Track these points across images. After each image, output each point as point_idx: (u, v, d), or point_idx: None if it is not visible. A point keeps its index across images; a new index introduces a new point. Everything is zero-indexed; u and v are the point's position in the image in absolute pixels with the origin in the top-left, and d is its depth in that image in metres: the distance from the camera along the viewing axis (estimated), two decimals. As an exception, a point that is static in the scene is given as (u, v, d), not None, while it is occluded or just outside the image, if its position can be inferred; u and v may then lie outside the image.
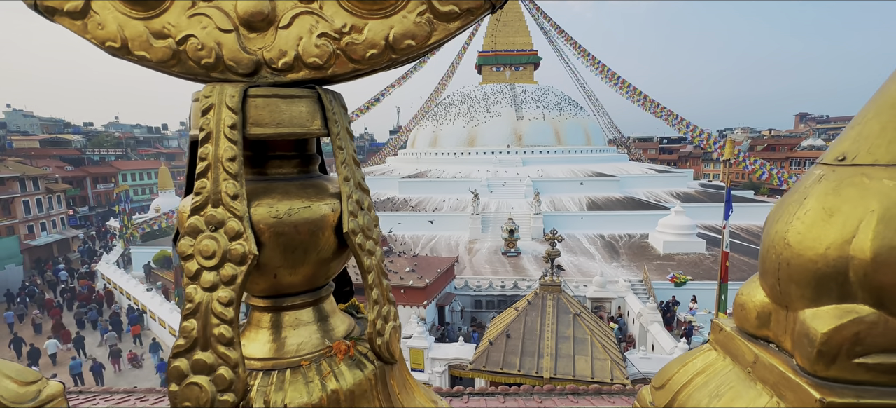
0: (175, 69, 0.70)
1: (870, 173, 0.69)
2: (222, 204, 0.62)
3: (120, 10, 0.68)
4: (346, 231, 0.72)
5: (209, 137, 0.63)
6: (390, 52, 0.70)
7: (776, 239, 0.78)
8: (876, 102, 0.74)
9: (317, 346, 0.76)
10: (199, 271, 0.62)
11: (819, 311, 0.72)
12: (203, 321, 0.62)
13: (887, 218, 0.66)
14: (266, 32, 0.69)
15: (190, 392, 0.61)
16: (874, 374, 0.68)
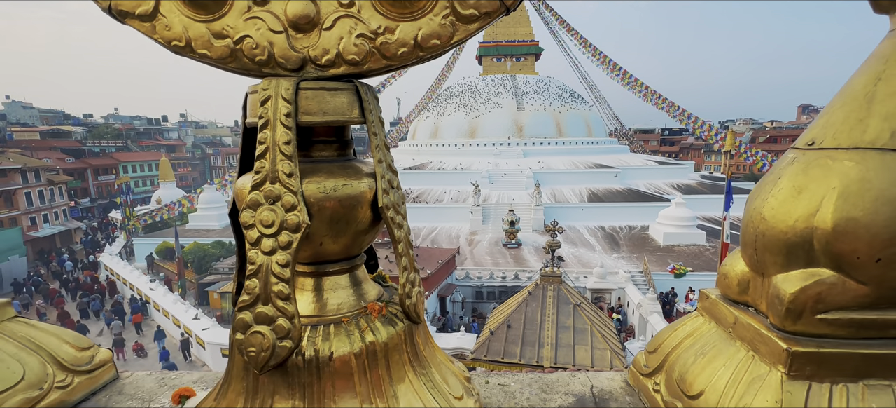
0: (231, 65, 0.81)
1: (833, 156, 0.80)
2: (279, 181, 0.74)
3: (184, 14, 0.78)
4: (381, 206, 0.83)
5: (267, 123, 0.74)
6: (418, 50, 0.81)
7: (754, 214, 0.89)
8: (842, 94, 0.85)
9: (354, 306, 0.88)
10: (260, 238, 0.74)
11: (788, 275, 0.83)
12: (264, 280, 0.73)
13: (846, 194, 0.77)
14: (311, 33, 0.79)
15: (254, 339, 0.73)
16: (833, 328, 0.80)
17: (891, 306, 0.79)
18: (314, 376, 0.78)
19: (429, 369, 0.92)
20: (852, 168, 0.78)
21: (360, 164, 0.89)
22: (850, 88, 0.84)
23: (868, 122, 0.79)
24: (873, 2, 0.86)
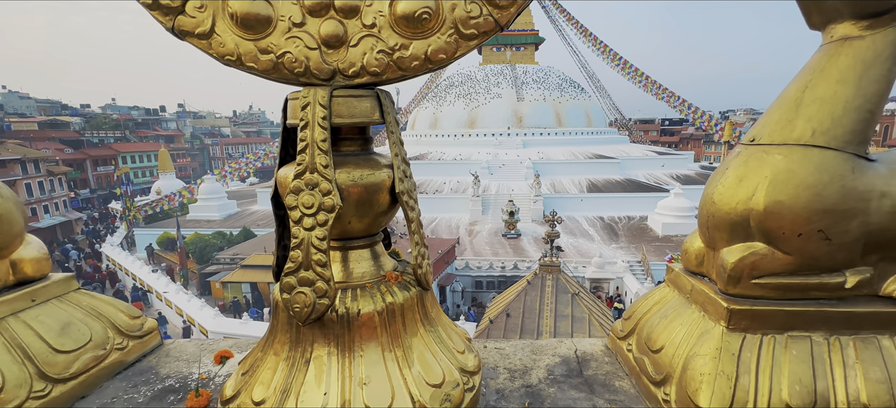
0: (274, 76, 0.98)
1: (767, 150, 0.98)
2: (317, 171, 0.91)
3: (236, 33, 0.95)
4: (398, 191, 1.01)
5: (307, 124, 0.92)
6: (428, 63, 0.98)
7: (707, 199, 1.08)
8: (778, 98, 1.02)
9: (375, 275, 1.06)
10: (302, 217, 0.91)
11: (731, 248, 1.02)
12: (305, 251, 0.91)
13: (775, 182, 0.95)
14: (340, 49, 0.96)
15: (298, 298, 0.91)
16: (765, 290, 0.98)
17: (810, 273, 0.97)
18: (345, 329, 0.96)
19: (436, 327, 1.11)
20: (781, 160, 0.96)
21: (379, 157, 1.07)
22: (784, 94, 1.01)
23: (795, 122, 0.97)
24: (807, 19, 1.03)
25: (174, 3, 0.94)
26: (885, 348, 0.95)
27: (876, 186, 0.94)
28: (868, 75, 0.93)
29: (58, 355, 1.15)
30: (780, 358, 0.94)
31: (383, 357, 0.98)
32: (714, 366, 0.95)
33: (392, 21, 0.96)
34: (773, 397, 0.91)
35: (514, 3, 0.97)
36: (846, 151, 0.94)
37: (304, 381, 0.94)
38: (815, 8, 0.99)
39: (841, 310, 0.97)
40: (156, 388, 1.24)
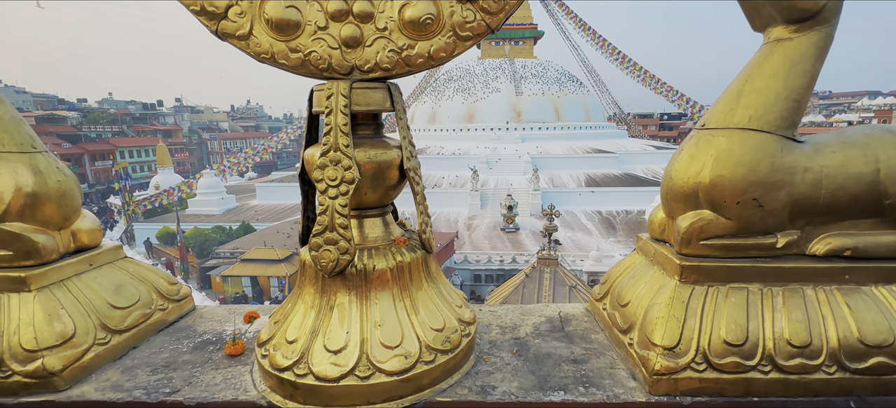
0: (301, 71, 1.17)
1: (714, 133, 1.18)
2: (340, 150, 1.10)
3: (270, 35, 1.14)
4: (406, 168, 1.20)
5: (331, 111, 1.11)
6: (431, 60, 1.17)
7: (667, 176, 1.28)
8: (725, 90, 1.22)
9: (386, 239, 1.26)
10: (327, 188, 1.11)
11: (685, 215, 1.22)
12: (330, 216, 1.11)
13: (718, 159, 1.15)
14: (357, 49, 1.15)
15: (325, 254, 1.11)
16: (711, 250, 1.19)
17: (747, 235, 1.17)
18: (363, 281, 1.16)
19: (438, 285, 1.31)
20: (724, 141, 1.16)
21: (389, 139, 1.27)
22: (729, 87, 1.21)
23: (736, 110, 1.16)
24: (751, 24, 1.22)
25: (218, 10, 1.13)
26: (807, 296, 1.15)
27: (800, 163, 1.14)
28: (795, 71, 1.12)
29: (114, 310, 1.35)
30: (721, 304, 1.15)
31: (394, 305, 1.18)
32: (667, 311, 1.15)
33: (400, 25, 1.15)
34: (713, 334, 1.11)
35: (502, 9, 1.16)
36: (776, 134, 1.13)
37: (330, 323, 1.13)
38: (755, 15, 1.19)
39: (773, 266, 1.17)
40: (196, 341, 1.44)
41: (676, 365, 1.10)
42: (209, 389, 1.18)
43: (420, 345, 1.14)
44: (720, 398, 1.11)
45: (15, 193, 1.22)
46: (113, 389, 1.19)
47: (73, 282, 1.32)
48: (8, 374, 1.15)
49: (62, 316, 1.22)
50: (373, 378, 1.08)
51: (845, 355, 1.09)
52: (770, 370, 1.10)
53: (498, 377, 1.22)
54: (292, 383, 1.09)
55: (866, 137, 1.17)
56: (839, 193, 1.14)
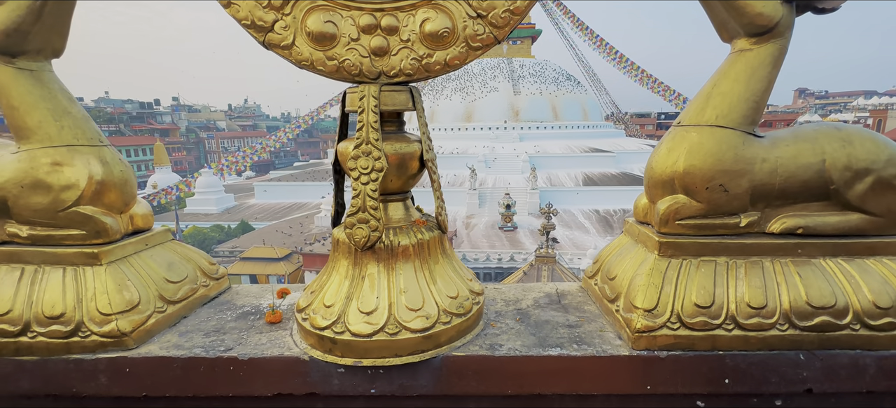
0: (336, 76, 1.37)
1: (687, 130, 1.39)
2: (370, 143, 1.30)
3: (310, 46, 1.34)
4: (426, 159, 1.41)
5: (363, 110, 1.31)
6: (447, 67, 1.38)
7: (648, 166, 1.49)
8: (698, 93, 1.42)
9: (406, 220, 1.46)
10: (360, 176, 1.31)
11: (663, 200, 1.43)
12: (362, 200, 1.31)
13: (690, 151, 1.36)
14: (384, 57, 1.35)
15: (358, 232, 1.31)
16: (685, 228, 1.40)
17: (715, 216, 1.38)
18: (389, 255, 1.36)
19: (451, 261, 1.51)
20: (695, 136, 1.37)
21: (410, 134, 1.47)
22: (701, 90, 1.42)
23: (706, 110, 1.37)
24: (720, 36, 1.43)
25: (266, 25, 1.33)
26: (765, 267, 1.36)
27: (759, 154, 1.35)
28: (754, 77, 1.33)
29: (168, 283, 1.55)
30: (692, 274, 1.35)
31: (416, 276, 1.38)
32: (647, 280, 1.35)
33: (421, 37, 1.35)
34: (685, 299, 1.32)
35: (508, 23, 1.36)
36: (739, 130, 1.34)
37: (362, 290, 1.34)
38: (723, 29, 1.39)
39: (736, 242, 1.38)
40: (237, 312, 1.64)
41: (654, 324, 1.31)
42: (257, 348, 1.38)
43: (438, 309, 1.35)
44: (691, 352, 1.31)
45: (88, 181, 1.41)
46: (174, 348, 1.39)
47: (134, 259, 1.52)
48: (87, 334, 1.35)
49: (129, 286, 1.42)
50: (399, 335, 1.29)
51: (795, 315, 1.30)
52: (733, 328, 1.31)
53: (504, 338, 1.42)
54: (332, 340, 1.29)
55: (815, 132, 1.38)
56: (791, 179, 1.35)
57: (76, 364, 1.34)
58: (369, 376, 1.32)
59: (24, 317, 1.34)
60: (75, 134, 1.43)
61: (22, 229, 1.42)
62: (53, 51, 1.45)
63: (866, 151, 1.34)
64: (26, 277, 1.40)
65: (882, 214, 1.37)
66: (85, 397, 1.36)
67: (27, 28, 1.33)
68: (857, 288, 1.32)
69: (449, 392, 1.34)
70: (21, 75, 1.38)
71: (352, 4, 1.32)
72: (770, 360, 1.31)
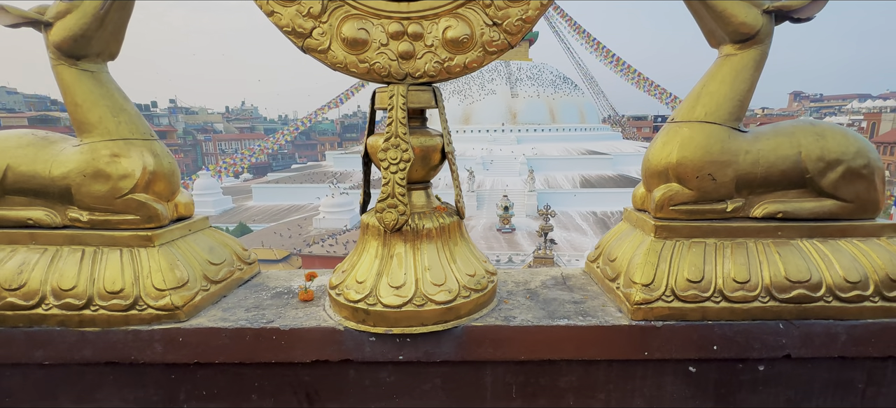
0: (366, 77, 1.53)
1: (679, 125, 1.56)
2: (398, 137, 1.47)
3: (344, 50, 1.51)
4: (447, 152, 1.57)
5: (393, 108, 1.47)
6: (465, 69, 1.54)
7: (645, 159, 1.66)
8: (689, 93, 1.60)
9: (428, 206, 1.62)
10: (389, 166, 1.47)
11: (658, 188, 1.60)
12: (391, 187, 1.47)
13: (683, 145, 1.53)
14: (410, 61, 1.52)
15: (387, 215, 1.47)
16: (678, 214, 1.57)
17: (705, 202, 1.55)
18: (415, 236, 1.53)
19: (468, 243, 1.68)
20: (686, 131, 1.54)
21: (432, 129, 1.63)
22: (692, 90, 1.59)
23: (696, 108, 1.54)
24: (709, 42, 1.60)
25: (305, 31, 1.49)
26: (749, 247, 1.53)
27: (743, 147, 1.52)
28: (738, 78, 1.50)
29: (211, 265, 1.71)
30: (684, 254, 1.52)
31: (438, 255, 1.54)
32: (645, 259, 1.52)
33: (443, 43, 1.51)
34: (678, 275, 1.49)
35: (521, 31, 1.53)
36: (725, 125, 1.51)
37: (391, 267, 1.50)
38: (711, 36, 1.57)
39: (723, 225, 1.55)
40: (271, 292, 1.79)
41: (651, 297, 1.47)
42: (296, 320, 1.54)
43: (459, 285, 1.51)
44: (683, 322, 1.48)
45: (142, 171, 1.57)
46: (220, 320, 1.54)
47: (180, 242, 1.67)
48: (143, 307, 1.50)
49: (179, 266, 1.58)
50: (425, 307, 1.45)
51: (775, 289, 1.47)
52: (720, 301, 1.48)
53: (516, 312, 1.58)
54: (365, 311, 1.45)
55: (792, 128, 1.56)
56: (772, 169, 1.53)
57: (134, 334, 1.49)
58: (397, 344, 1.48)
59: (88, 292, 1.49)
60: (131, 129, 1.59)
61: (83, 214, 1.58)
62: (110, 54, 1.61)
63: (837, 144, 1.52)
64: (87, 257, 1.55)
65: (852, 200, 1.54)
66: (141, 365, 1.52)
67: (91, 34, 1.49)
68: (829, 265, 1.49)
69: (468, 358, 1.50)
70: (84, 76, 1.54)
71: (382, 13, 1.48)
72: (753, 329, 1.48)
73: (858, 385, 1.55)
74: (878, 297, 1.48)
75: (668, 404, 1.57)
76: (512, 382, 1.56)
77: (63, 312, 1.50)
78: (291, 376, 1.56)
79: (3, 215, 1.58)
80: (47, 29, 1.48)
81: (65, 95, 1.55)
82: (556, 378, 1.55)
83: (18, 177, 1.55)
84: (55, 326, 1.50)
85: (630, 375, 1.54)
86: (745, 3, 1.44)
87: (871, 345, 1.48)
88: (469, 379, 1.55)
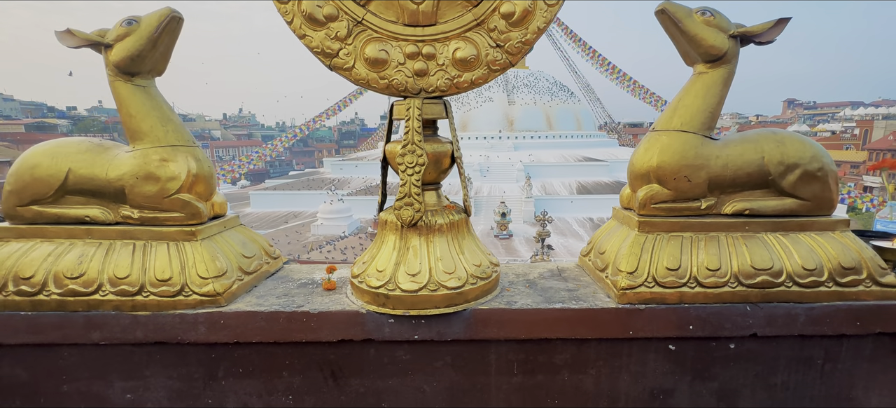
0: (385, 91, 1.75)
1: (659, 133, 1.79)
2: (415, 143, 1.68)
3: (367, 68, 1.72)
4: (456, 156, 1.79)
5: (409, 119, 1.69)
6: (472, 85, 1.77)
7: (630, 163, 1.88)
8: (668, 105, 1.82)
9: (438, 205, 1.83)
10: (406, 169, 1.68)
11: (642, 188, 1.82)
12: (408, 188, 1.68)
13: (662, 150, 1.75)
14: (424, 77, 1.74)
15: (404, 212, 1.68)
16: (658, 211, 1.79)
17: (681, 201, 1.77)
18: (428, 230, 1.74)
19: (475, 238, 1.89)
20: (665, 139, 1.76)
21: (443, 137, 1.85)
22: (670, 103, 1.82)
23: (673, 118, 1.77)
24: (685, 61, 1.84)
25: (332, 52, 1.71)
26: (720, 240, 1.75)
27: (714, 152, 1.74)
28: (709, 93, 1.73)
29: (244, 258, 1.91)
30: (664, 246, 1.74)
31: (448, 247, 1.75)
32: (630, 250, 1.74)
33: (453, 62, 1.74)
34: (659, 264, 1.70)
35: (520, 51, 1.76)
36: (698, 134, 1.74)
37: (408, 258, 1.71)
38: (686, 57, 1.80)
39: (698, 221, 1.77)
40: (297, 283, 2.00)
41: (635, 283, 1.69)
42: (323, 305, 1.74)
43: (467, 273, 1.72)
44: (663, 305, 1.70)
45: (187, 174, 1.78)
46: (256, 306, 1.75)
47: (218, 237, 1.88)
48: (189, 294, 1.70)
49: (219, 257, 1.78)
50: (438, 292, 1.66)
51: (742, 275, 1.69)
52: (695, 286, 1.69)
53: (517, 298, 1.80)
54: (385, 295, 1.66)
55: (757, 136, 1.79)
56: (739, 172, 1.75)
57: (180, 317, 1.69)
58: (413, 325, 1.68)
59: (140, 281, 1.70)
60: (177, 137, 1.80)
61: (134, 212, 1.78)
62: (158, 71, 1.82)
63: (795, 150, 1.74)
64: (138, 250, 1.75)
65: (809, 198, 1.77)
66: (187, 344, 1.71)
67: (145, 54, 1.70)
68: (789, 255, 1.71)
69: (475, 337, 1.71)
70: (137, 90, 1.75)
71: (400, 36, 1.71)
72: (724, 310, 1.69)
73: (818, 361, 1.76)
74: (832, 282, 1.70)
75: (651, 378, 1.78)
76: (513, 359, 1.76)
77: (118, 297, 1.69)
78: (318, 355, 1.76)
79: (64, 213, 1.79)
80: (108, 50, 1.70)
81: (120, 107, 1.76)
82: (553, 355, 1.76)
83: (79, 179, 1.76)
84: (110, 310, 1.70)
85: (617, 352, 1.75)
86: (713, 30, 1.68)
87: (826, 325, 1.70)
88: (476, 357, 1.76)
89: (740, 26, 1.70)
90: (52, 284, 1.70)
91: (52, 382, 1.77)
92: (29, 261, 1.72)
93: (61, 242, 1.78)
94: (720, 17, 1.69)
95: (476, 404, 1.82)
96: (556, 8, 1.67)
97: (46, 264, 1.71)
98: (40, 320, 1.70)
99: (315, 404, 1.81)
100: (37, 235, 1.80)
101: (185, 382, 1.77)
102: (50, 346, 1.73)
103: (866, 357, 1.76)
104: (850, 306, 1.69)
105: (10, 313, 1.70)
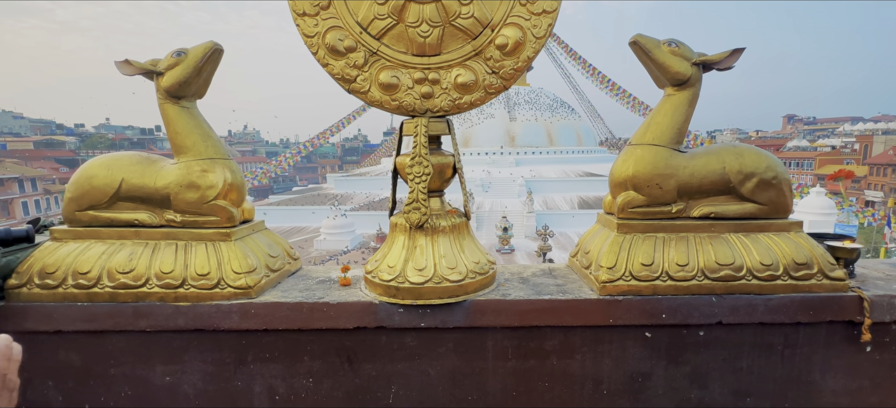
0: (396, 111, 2.03)
1: (635, 147, 2.06)
2: (422, 156, 1.95)
3: (380, 92, 2.00)
4: (458, 168, 2.06)
5: (417, 134, 1.96)
6: (471, 106, 2.04)
7: (611, 173, 2.15)
8: (642, 122, 2.09)
9: (442, 209, 2.09)
10: (415, 178, 1.95)
11: (620, 195, 2.08)
12: (416, 194, 1.94)
13: (637, 161, 2.02)
14: (430, 99, 2.01)
15: (412, 215, 1.94)
16: (635, 215, 2.04)
17: (654, 206, 2.02)
18: (433, 231, 1.99)
19: (474, 239, 2.14)
20: (639, 152, 2.02)
21: (446, 150, 2.12)
22: (644, 121, 2.08)
23: (646, 133, 2.03)
24: (656, 83, 2.11)
25: (351, 78, 1.99)
26: (689, 239, 2.00)
27: (682, 163, 2.00)
28: (677, 112, 2.00)
29: (270, 257, 2.16)
30: (640, 245, 1.99)
31: (451, 246, 2.01)
32: (610, 249, 1.99)
33: (454, 86, 2.01)
34: (635, 260, 1.95)
35: (513, 77, 2.04)
36: (668, 147, 2.00)
37: (415, 255, 1.96)
38: (657, 81, 2.08)
39: (669, 223, 2.02)
40: (316, 281, 2.24)
41: (614, 277, 1.93)
42: (340, 297, 1.99)
43: (467, 268, 1.97)
44: (639, 296, 1.93)
45: (223, 183, 2.05)
46: (281, 298, 1.99)
47: (248, 239, 2.14)
48: (224, 287, 1.95)
49: (250, 256, 2.04)
50: (442, 284, 1.90)
51: (708, 270, 1.93)
52: (667, 280, 1.93)
53: (512, 291, 2.04)
54: (396, 288, 1.91)
55: (719, 149, 2.05)
56: (704, 180, 2.01)
57: (216, 308, 1.94)
58: (420, 314, 1.93)
59: (182, 275, 1.95)
60: (215, 151, 2.08)
61: (177, 216, 2.04)
62: (200, 95, 2.11)
63: (752, 161, 2.00)
64: (180, 249, 2.01)
65: (766, 203, 2.02)
66: (222, 331, 1.95)
67: (191, 80, 1.99)
68: (749, 252, 1.96)
69: (474, 325, 1.94)
70: (183, 111, 2.03)
71: (409, 64, 1.99)
72: (693, 301, 1.93)
73: (778, 347, 1.99)
74: (787, 276, 1.93)
75: (631, 363, 2.01)
76: (508, 345, 2.00)
77: (163, 290, 1.95)
78: (336, 342, 2.00)
79: (116, 217, 2.05)
80: (159, 77, 1.99)
81: (168, 126, 2.04)
82: (543, 342, 1.99)
83: (130, 187, 2.03)
84: (156, 301, 1.95)
85: (600, 339, 1.98)
86: (678, 58, 1.95)
87: (783, 314, 1.93)
88: (474, 343, 1.99)
89: (702, 55, 1.98)
90: (105, 279, 1.95)
91: (102, 365, 2.01)
92: (86, 258, 1.98)
93: (113, 243, 2.04)
94: (684, 48, 1.97)
95: (475, 387, 2.04)
96: (544, 40, 1.96)
97: (101, 261, 1.97)
98: (94, 309, 1.95)
99: (332, 387, 2.04)
100: (91, 237, 2.06)
101: (218, 366, 2.01)
102: (101, 333, 1.97)
103: (821, 344, 1.98)
104: (804, 297, 1.92)
105: (68, 303, 1.95)
